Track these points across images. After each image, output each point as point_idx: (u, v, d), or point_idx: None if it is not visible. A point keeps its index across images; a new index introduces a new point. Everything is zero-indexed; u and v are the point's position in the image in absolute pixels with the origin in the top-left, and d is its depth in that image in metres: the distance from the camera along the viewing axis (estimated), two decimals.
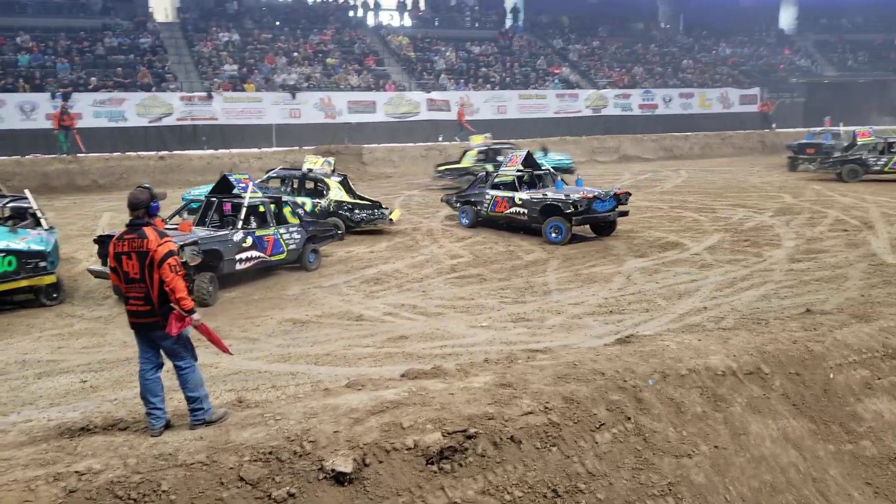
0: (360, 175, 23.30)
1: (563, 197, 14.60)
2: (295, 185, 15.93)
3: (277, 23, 32.26)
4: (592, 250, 13.90)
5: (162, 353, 5.65)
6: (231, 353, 6.44)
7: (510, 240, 14.68)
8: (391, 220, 15.39)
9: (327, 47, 30.94)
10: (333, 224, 14.31)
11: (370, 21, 35.10)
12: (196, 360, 5.70)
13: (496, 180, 16.13)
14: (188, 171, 22.34)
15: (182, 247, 10.04)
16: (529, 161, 16.21)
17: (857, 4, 41.98)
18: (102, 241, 11.00)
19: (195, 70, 27.89)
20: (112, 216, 17.06)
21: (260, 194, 12.55)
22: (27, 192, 12.68)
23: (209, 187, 13.51)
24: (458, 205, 16.73)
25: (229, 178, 12.50)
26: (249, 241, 11.58)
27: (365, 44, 32.14)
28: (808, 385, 6.89)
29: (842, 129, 26.17)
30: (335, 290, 11.49)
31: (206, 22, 30.53)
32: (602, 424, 5.86)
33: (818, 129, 26.89)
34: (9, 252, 10.23)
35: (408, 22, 35.75)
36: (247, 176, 12.64)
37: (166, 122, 25.27)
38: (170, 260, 5.39)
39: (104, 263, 10.79)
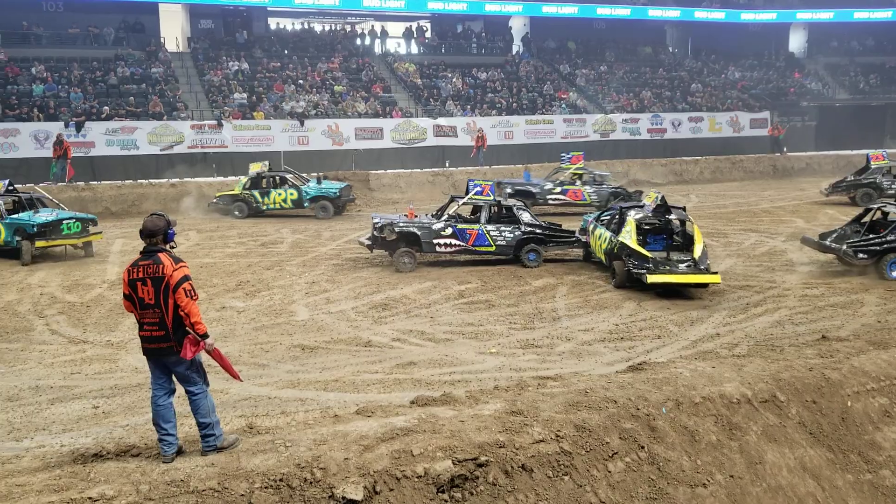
0: (366, 201, 23.39)
1: None
2: (615, 217, 14.19)
3: (286, 51, 32.58)
4: (602, 276, 13.85)
5: (174, 379, 5.66)
6: (241, 380, 6.44)
7: (517, 265, 14.64)
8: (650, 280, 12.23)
9: (335, 75, 31.21)
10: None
11: (377, 49, 35.42)
12: (208, 385, 5.71)
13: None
14: (198, 197, 22.47)
15: (383, 227, 14.05)
16: None
17: (868, 27, 42.00)
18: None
19: (206, 99, 28.13)
20: (124, 243, 17.16)
21: (491, 198, 14.90)
22: (38, 188, 17.93)
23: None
24: (860, 255, 13.07)
25: (470, 182, 15.16)
26: (449, 231, 14.39)
27: (372, 71, 32.41)
28: (825, 413, 6.82)
29: (595, 171, 22.61)
30: (343, 316, 11.48)
31: (217, 52, 30.86)
32: (615, 453, 5.80)
33: (571, 164, 22.38)
34: (77, 219, 15.83)
35: (415, 49, 36.05)
36: (487, 182, 15.28)
37: (177, 150, 25.43)
38: (185, 284, 5.43)
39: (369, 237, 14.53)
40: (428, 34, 36.91)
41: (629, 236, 12.87)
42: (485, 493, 5.32)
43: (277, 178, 21.35)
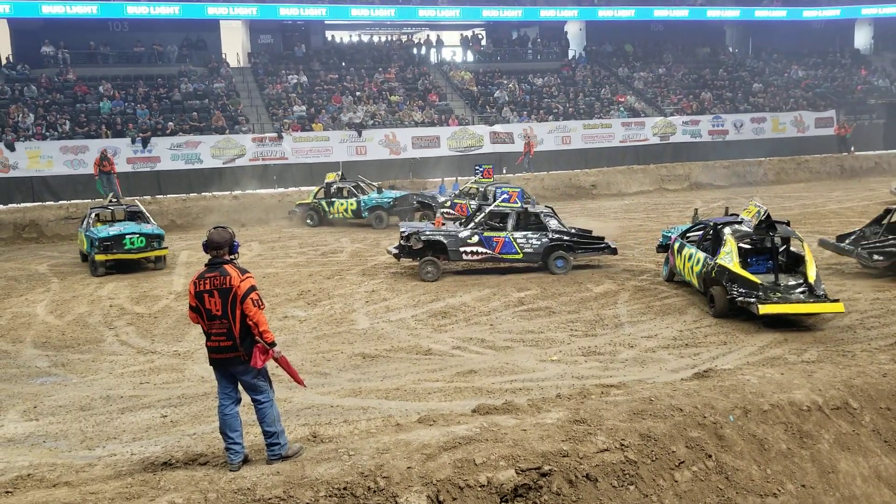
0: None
1: None
2: (708, 234, 12.57)
3: (343, 63, 33.06)
4: (663, 282, 13.61)
5: (240, 388, 5.77)
6: (305, 386, 6.55)
7: (577, 272, 14.50)
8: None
9: (391, 85, 31.53)
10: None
11: (433, 58, 35.62)
12: (274, 394, 5.81)
13: None
14: (260, 209, 22.96)
15: (409, 235, 14.20)
16: None
17: None
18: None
19: (266, 112, 28.76)
20: (189, 255, 17.62)
21: (518, 205, 14.85)
22: (137, 202, 18.97)
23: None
24: (875, 257, 12.58)
25: (498, 189, 15.22)
26: (475, 238, 14.41)
27: (428, 80, 32.62)
28: None
29: (494, 185, 19.39)
30: (403, 324, 11.55)
31: (276, 66, 31.52)
32: (681, 462, 5.69)
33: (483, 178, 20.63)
34: (141, 234, 16.24)
35: (470, 57, 36.13)
36: (515, 189, 15.39)
37: (239, 162, 26.07)
38: (252, 294, 5.55)
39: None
40: (483, 42, 36.98)
41: (730, 258, 11.03)
42: (549, 502, 5.27)
43: (346, 187, 21.67)
